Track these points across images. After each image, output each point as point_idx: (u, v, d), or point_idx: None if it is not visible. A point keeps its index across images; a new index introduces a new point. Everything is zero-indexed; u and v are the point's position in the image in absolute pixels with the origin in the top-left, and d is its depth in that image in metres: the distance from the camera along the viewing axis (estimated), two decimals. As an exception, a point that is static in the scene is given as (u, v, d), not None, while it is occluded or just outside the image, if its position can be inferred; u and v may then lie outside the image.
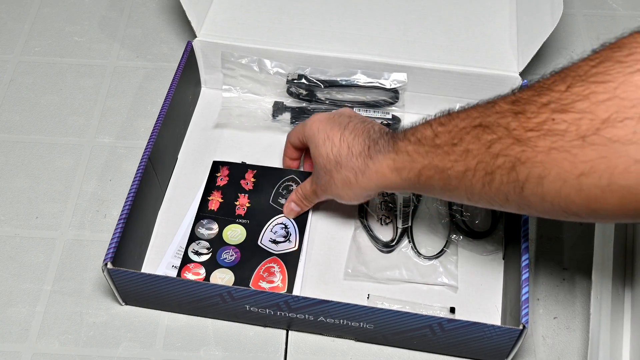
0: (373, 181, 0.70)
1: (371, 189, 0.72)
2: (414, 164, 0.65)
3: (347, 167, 0.72)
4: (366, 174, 0.70)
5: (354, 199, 0.74)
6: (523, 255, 0.71)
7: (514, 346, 0.69)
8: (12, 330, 0.76)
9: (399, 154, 0.67)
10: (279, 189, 0.84)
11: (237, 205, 0.82)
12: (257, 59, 0.90)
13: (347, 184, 0.72)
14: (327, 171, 0.74)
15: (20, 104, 0.95)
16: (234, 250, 0.79)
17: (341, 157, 0.72)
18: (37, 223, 0.84)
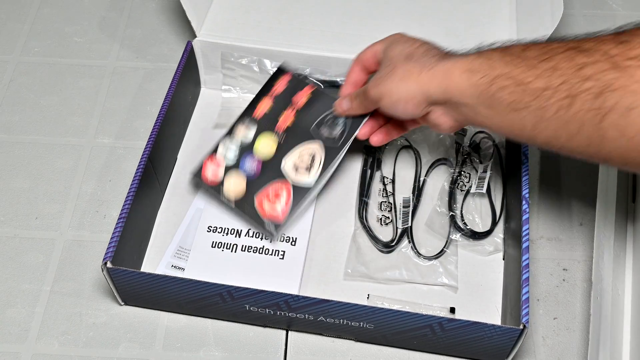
0: (437, 80, 0.66)
1: (429, 90, 0.67)
2: (491, 70, 0.62)
3: (416, 62, 0.68)
4: (433, 70, 0.66)
5: (405, 98, 0.69)
6: (524, 255, 0.71)
7: (514, 346, 0.69)
8: (12, 331, 0.76)
9: (480, 57, 0.64)
10: (325, 118, 0.81)
11: (281, 118, 0.80)
12: (257, 59, 0.90)
13: (407, 77, 0.68)
14: (392, 63, 0.70)
15: (19, 104, 0.95)
16: (258, 163, 0.78)
17: (415, 54, 0.69)
18: (37, 223, 0.84)
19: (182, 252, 0.80)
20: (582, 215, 0.85)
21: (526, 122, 0.61)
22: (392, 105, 0.71)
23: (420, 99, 0.68)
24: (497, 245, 0.81)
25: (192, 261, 0.79)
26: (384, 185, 0.85)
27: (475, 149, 0.88)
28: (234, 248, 0.79)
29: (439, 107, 0.69)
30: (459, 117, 0.69)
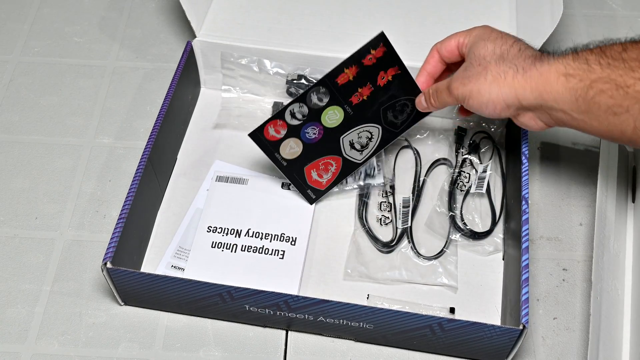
0: (531, 84, 0.63)
1: (523, 95, 0.64)
2: (589, 74, 0.60)
3: (510, 63, 0.65)
4: (528, 73, 0.64)
5: (494, 101, 0.66)
6: (523, 255, 0.71)
7: (514, 346, 0.69)
8: (12, 331, 0.76)
9: (576, 60, 0.61)
10: (396, 103, 0.80)
11: (358, 92, 0.79)
12: (256, 59, 0.90)
13: (500, 80, 0.65)
14: (483, 62, 0.67)
15: (19, 104, 0.95)
16: (320, 130, 0.79)
17: (509, 54, 0.66)
18: (37, 223, 0.84)
19: (182, 252, 0.80)
20: (582, 215, 0.85)
21: (626, 126, 0.59)
22: (479, 106, 0.68)
23: (512, 103, 0.66)
24: (497, 246, 0.81)
25: (192, 261, 0.79)
26: (384, 185, 0.85)
27: (475, 149, 0.88)
28: (234, 248, 0.79)
29: (528, 112, 0.67)
30: (551, 121, 0.67)
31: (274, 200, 0.83)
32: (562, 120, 0.65)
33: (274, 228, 0.81)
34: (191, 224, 0.83)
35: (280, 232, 0.80)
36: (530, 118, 0.68)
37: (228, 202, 0.83)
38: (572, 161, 0.90)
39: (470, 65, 0.69)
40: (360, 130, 0.81)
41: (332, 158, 0.81)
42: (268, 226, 0.81)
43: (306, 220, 0.82)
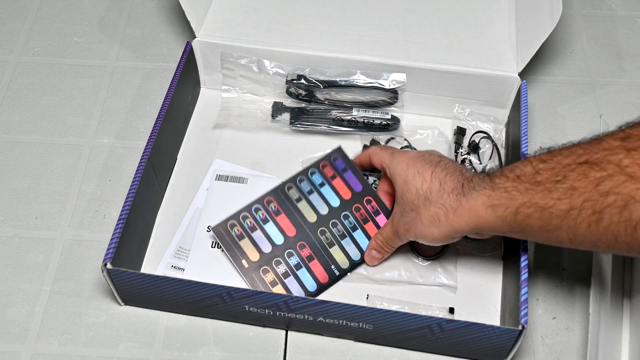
0: (464, 219, 0.66)
1: (461, 228, 0.68)
2: (512, 201, 0.62)
3: (437, 204, 0.68)
4: (457, 212, 0.67)
5: (439, 239, 0.70)
6: (522, 256, 0.71)
7: (513, 347, 0.69)
8: (12, 331, 0.76)
9: (496, 190, 0.64)
10: None
11: None
12: (256, 59, 0.90)
13: (435, 222, 0.68)
14: (414, 207, 0.71)
15: (19, 104, 0.95)
16: None
17: (431, 193, 0.69)
18: (37, 223, 0.84)
19: (182, 253, 0.80)
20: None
21: (562, 238, 0.61)
22: (430, 243, 0.72)
23: (454, 235, 0.69)
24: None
25: (192, 261, 0.79)
26: None
27: (475, 149, 0.88)
28: (234, 248, 0.79)
29: (475, 233, 0.70)
30: (492, 236, 0.72)
31: (273, 200, 0.83)
32: (504, 235, 0.68)
33: (273, 228, 0.81)
34: (191, 224, 0.83)
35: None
36: (477, 235, 0.71)
37: (228, 202, 0.83)
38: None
39: (404, 210, 0.72)
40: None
41: None
42: (268, 226, 0.81)
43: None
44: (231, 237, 0.78)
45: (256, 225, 0.79)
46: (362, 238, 0.80)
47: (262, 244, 0.78)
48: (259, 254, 0.77)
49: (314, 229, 0.79)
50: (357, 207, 0.81)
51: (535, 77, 0.98)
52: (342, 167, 0.82)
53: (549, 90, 0.97)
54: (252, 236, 0.78)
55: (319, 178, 0.82)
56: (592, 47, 1.03)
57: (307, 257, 0.78)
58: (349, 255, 0.79)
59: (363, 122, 0.90)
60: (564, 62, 1.01)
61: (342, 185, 0.82)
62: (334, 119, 0.90)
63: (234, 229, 0.78)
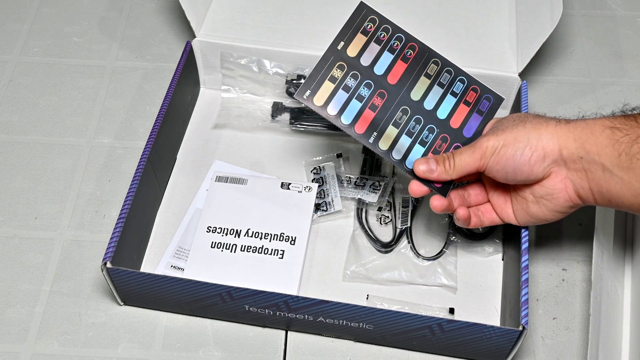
0: (574, 133, 0.62)
1: (563, 145, 0.63)
2: (636, 129, 0.59)
3: (549, 118, 0.65)
4: (571, 123, 0.62)
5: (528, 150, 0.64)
6: (523, 256, 0.71)
7: (514, 347, 0.69)
8: (11, 331, 0.76)
9: (625, 117, 0.60)
10: None
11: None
12: (256, 59, 0.90)
13: (539, 127, 0.63)
14: (518, 119, 0.66)
15: (19, 104, 0.95)
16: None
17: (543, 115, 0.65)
18: (36, 223, 0.84)
19: (182, 253, 0.80)
20: (581, 216, 0.85)
21: None
22: (512, 156, 0.64)
23: (550, 151, 0.63)
24: (497, 246, 0.81)
25: (192, 261, 0.79)
26: (376, 206, 0.85)
27: (475, 149, 0.88)
28: (233, 248, 0.79)
29: (562, 169, 0.64)
30: (584, 185, 0.64)
31: (273, 200, 0.83)
32: (600, 181, 0.62)
33: (273, 228, 0.81)
34: (191, 224, 0.83)
35: (280, 232, 0.80)
36: (561, 179, 0.65)
37: (227, 202, 0.83)
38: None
39: (502, 123, 0.66)
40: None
41: None
42: (267, 226, 0.81)
43: (306, 220, 0.82)
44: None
45: (384, 46, 0.74)
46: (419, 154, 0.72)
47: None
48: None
49: (404, 99, 0.73)
50: (445, 137, 0.73)
51: (535, 77, 0.98)
52: (485, 109, 0.74)
53: (549, 90, 0.97)
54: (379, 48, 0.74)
55: (459, 87, 0.75)
56: (593, 47, 1.02)
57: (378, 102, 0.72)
58: (402, 153, 0.72)
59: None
60: (564, 62, 1.01)
61: (461, 114, 0.74)
62: (333, 119, 0.90)
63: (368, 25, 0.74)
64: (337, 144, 0.90)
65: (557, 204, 0.66)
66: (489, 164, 0.66)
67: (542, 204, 0.67)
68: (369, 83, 0.73)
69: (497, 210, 0.72)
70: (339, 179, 0.85)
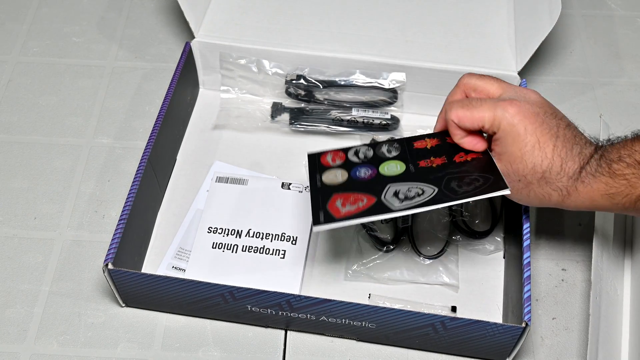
0: (575, 203, 0.65)
1: (566, 207, 0.66)
2: (632, 190, 0.61)
3: (552, 186, 0.64)
4: (572, 197, 0.64)
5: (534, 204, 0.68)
6: (525, 253, 0.71)
7: (516, 344, 0.69)
8: (11, 331, 0.76)
9: (615, 178, 0.62)
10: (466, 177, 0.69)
11: (430, 160, 0.72)
12: (255, 59, 0.90)
13: (544, 200, 0.66)
14: (523, 180, 0.66)
15: (18, 104, 0.95)
16: (372, 173, 0.72)
17: (551, 174, 0.64)
18: (36, 224, 0.84)
19: (183, 253, 0.80)
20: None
21: None
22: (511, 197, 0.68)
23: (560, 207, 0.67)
24: (498, 244, 0.81)
25: (193, 262, 0.79)
26: None
27: (475, 149, 0.88)
28: (235, 249, 0.79)
29: None
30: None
31: (274, 200, 0.83)
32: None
33: (274, 228, 0.81)
34: (191, 224, 0.82)
35: (281, 232, 0.80)
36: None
37: (228, 203, 0.83)
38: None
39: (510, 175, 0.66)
40: (413, 185, 0.70)
41: (366, 195, 0.70)
42: (268, 226, 0.81)
43: (307, 219, 0.82)
44: None
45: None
46: None
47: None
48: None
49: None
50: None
51: (534, 76, 0.98)
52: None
53: (548, 89, 0.97)
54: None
55: None
56: (592, 46, 1.03)
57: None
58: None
59: (362, 122, 0.90)
60: (564, 62, 1.01)
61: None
62: (333, 119, 0.90)
63: None
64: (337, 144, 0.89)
65: None
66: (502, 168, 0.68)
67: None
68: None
69: None
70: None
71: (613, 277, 0.76)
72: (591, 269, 0.73)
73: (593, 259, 0.73)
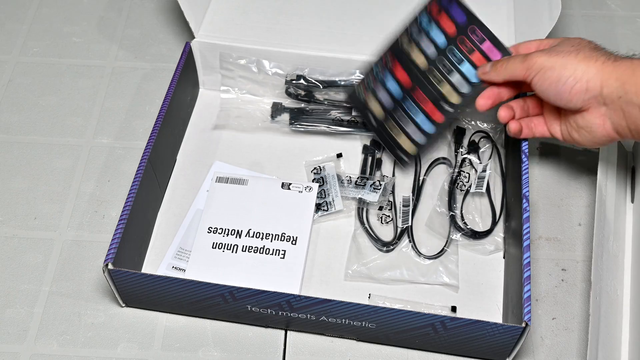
0: (617, 72, 0.67)
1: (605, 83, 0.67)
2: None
3: (603, 52, 0.69)
4: (618, 62, 0.67)
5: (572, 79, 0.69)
6: (525, 254, 0.71)
7: (516, 344, 0.69)
8: (11, 331, 0.76)
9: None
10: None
11: None
12: (255, 59, 0.90)
13: (590, 60, 0.68)
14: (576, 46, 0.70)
15: (18, 104, 0.95)
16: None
17: (600, 49, 0.70)
18: (36, 224, 0.84)
19: (183, 254, 0.80)
20: (581, 215, 0.85)
21: None
22: (557, 80, 0.69)
23: (593, 87, 0.68)
24: (498, 245, 0.81)
25: (193, 262, 0.79)
26: (377, 205, 0.85)
27: (475, 149, 0.88)
28: (235, 249, 0.79)
29: (601, 107, 0.69)
30: (621, 123, 0.69)
31: (274, 200, 0.83)
32: (635, 119, 0.67)
33: (274, 228, 0.81)
34: (191, 225, 0.82)
35: (281, 232, 0.80)
36: (599, 115, 0.70)
37: (228, 203, 0.83)
38: (571, 161, 0.90)
39: (561, 45, 0.71)
40: None
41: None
42: (268, 226, 0.81)
43: (307, 220, 0.82)
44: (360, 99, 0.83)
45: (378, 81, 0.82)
46: (470, 70, 0.78)
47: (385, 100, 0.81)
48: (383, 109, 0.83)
49: (425, 73, 0.80)
50: (462, 39, 0.79)
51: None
52: (445, 1, 0.79)
53: (548, 90, 0.97)
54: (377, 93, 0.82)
55: (425, 18, 0.81)
56: (591, 47, 1.02)
57: (422, 101, 0.80)
58: (457, 90, 0.79)
59: (362, 122, 0.90)
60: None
61: (445, 20, 0.79)
62: (333, 119, 0.90)
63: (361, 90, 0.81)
64: (337, 144, 0.90)
65: (596, 136, 0.72)
66: (534, 80, 0.71)
67: (582, 134, 0.73)
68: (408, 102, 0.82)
69: (547, 125, 0.78)
70: (340, 179, 0.85)
71: (613, 277, 0.76)
72: (591, 269, 0.73)
73: (593, 259, 0.73)
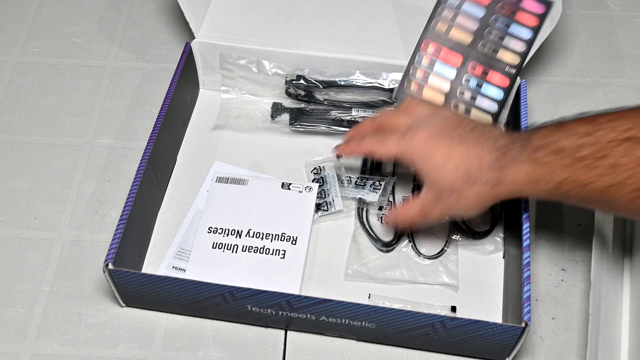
0: (506, 190, 0.67)
1: (502, 198, 0.69)
2: (553, 176, 0.63)
3: (480, 182, 0.68)
4: (501, 185, 0.67)
5: (482, 210, 0.71)
6: (525, 253, 0.71)
7: (516, 344, 0.69)
8: (11, 331, 0.76)
9: (537, 165, 0.64)
10: None
11: None
12: (255, 59, 0.90)
13: (482, 199, 0.69)
14: (455, 190, 0.69)
15: (18, 104, 0.95)
16: None
17: (472, 172, 0.68)
18: (36, 224, 0.84)
19: (183, 254, 0.80)
20: (580, 216, 0.85)
21: (601, 208, 0.65)
22: (464, 216, 0.74)
23: (494, 202, 0.70)
24: (498, 244, 0.81)
25: (193, 262, 0.79)
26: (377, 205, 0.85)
27: (474, 150, 0.88)
28: (235, 249, 0.79)
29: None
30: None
31: (274, 200, 0.83)
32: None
33: (274, 228, 0.81)
34: (192, 225, 0.83)
35: (281, 232, 0.80)
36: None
37: (228, 203, 0.83)
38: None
39: (441, 195, 0.71)
40: None
41: None
42: (269, 226, 0.81)
43: (307, 220, 0.82)
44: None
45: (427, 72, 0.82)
46: (519, 30, 0.81)
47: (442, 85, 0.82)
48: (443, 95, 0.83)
49: (474, 47, 0.81)
50: (502, 5, 0.81)
51: (534, 77, 0.98)
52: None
53: (548, 90, 0.97)
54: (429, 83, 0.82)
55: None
56: (592, 47, 1.03)
57: (482, 74, 0.81)
58: (514, 51, 0.81)
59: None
60: (564, 62, 1.01)
61: None
62: (333, 119, 0.90)
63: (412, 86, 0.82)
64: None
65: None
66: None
67: None
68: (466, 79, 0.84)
69: None
70: (339, 179, 0.85)
71: (613, 278, 0.76)
72: (591, 269, 0.73)
73: (593, 259, 0.73)
